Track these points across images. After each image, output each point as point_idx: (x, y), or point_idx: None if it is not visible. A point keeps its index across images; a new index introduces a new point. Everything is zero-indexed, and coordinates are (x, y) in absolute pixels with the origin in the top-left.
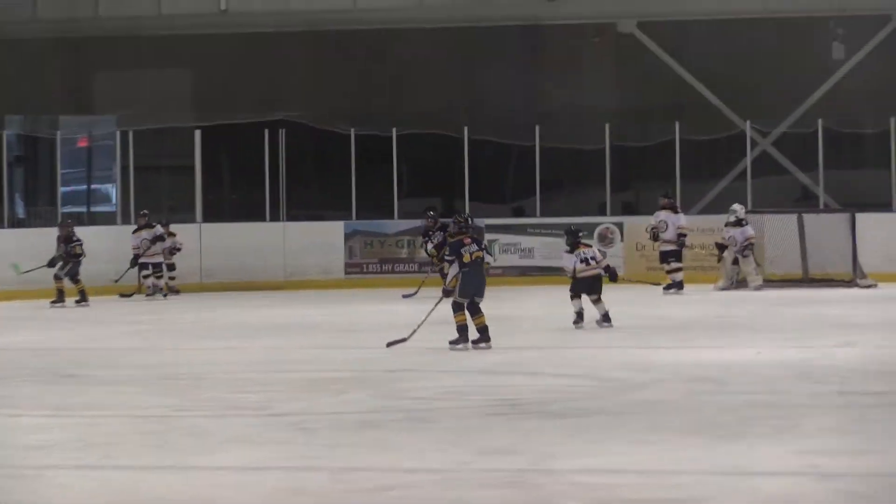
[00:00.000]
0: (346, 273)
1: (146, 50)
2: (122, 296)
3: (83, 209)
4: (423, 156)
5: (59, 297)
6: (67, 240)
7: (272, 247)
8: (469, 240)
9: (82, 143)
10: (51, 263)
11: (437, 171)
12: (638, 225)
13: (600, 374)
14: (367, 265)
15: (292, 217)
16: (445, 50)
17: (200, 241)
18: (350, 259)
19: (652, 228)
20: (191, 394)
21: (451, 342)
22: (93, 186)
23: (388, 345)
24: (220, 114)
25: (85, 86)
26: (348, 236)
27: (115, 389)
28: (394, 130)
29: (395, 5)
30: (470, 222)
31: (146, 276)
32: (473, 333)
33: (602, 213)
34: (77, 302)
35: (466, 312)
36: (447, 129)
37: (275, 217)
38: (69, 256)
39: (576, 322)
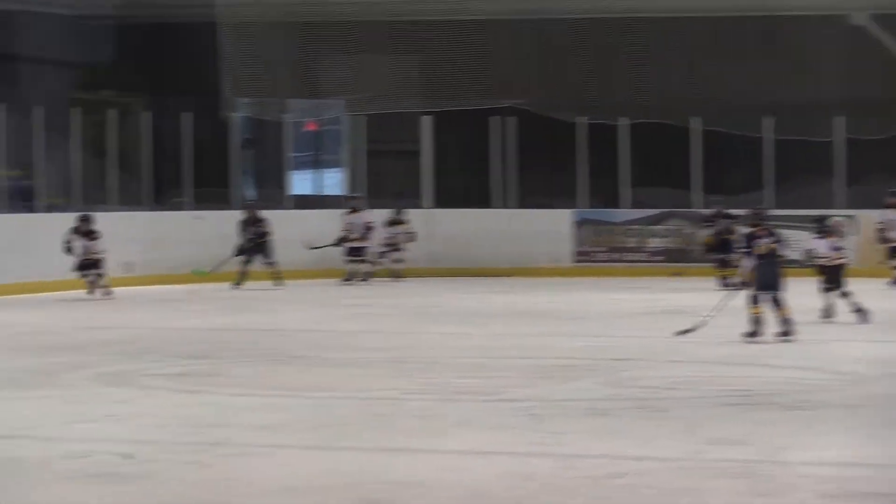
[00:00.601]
0: (575, 261)
1: (376, 34)
2: (346, 281)
3: (311, 192)
4: (651, 145)
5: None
6: (255, 222)
7: (500, 234)
8: (764, 231)
9: (310, 127)
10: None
11: (666, 161)
12: (871, 218)
13: (834, 368)
14: (596, 254)
15: (521, 204)
16: (676, 40)
17: (428, 226)
18: (579, 247)
19: (879, 229)
20: (420, 377)
21: (744, 334)
22: (320, 170)
23: (677, 333)
24: (448, 100)
25: (314, 70)
26: (577, 224)
27: (346, 371)
28: (624, 120)
29: None
30: (765, 214)
31: (351, 261)
32: (775, 326)
33: (833, 206)
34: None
35: (769, 305)
36: (676, 119)
37: (503, 204)
38: (257, 239)
39: (825, 315)
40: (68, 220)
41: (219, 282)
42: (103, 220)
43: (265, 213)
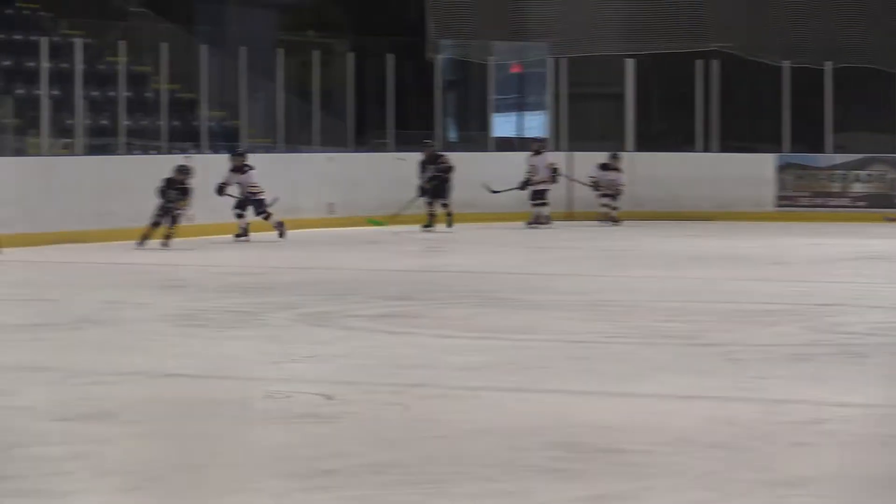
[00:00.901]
0: (778, 206)
1: None
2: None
3: (513, 135)
4: (856, 90)
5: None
6: (434, 160)
7: (702, 178)
8: None
9: (514, 69)
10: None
11: (871, 105)
12: None
13: None
14: (799, 198)
15: (724, 148)
16: None
17: (631, 170)
18: (782, 192)
19: None
20: (620, 320)
21: None
22: (523, 113)
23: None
24: (651, 43)
25: (518, 11)
26: (780, 169)
27: (548, 314)
28: (828, 63)
29: None
30: None
31: (535, 205)
32: None
33: None
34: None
35: None
36: (882, 64)
37: (706, 148)
38: (437, 179)
39: None
40: (272, 160)
41: (410, 224)
42: (307, 161)
43: (446, 153)
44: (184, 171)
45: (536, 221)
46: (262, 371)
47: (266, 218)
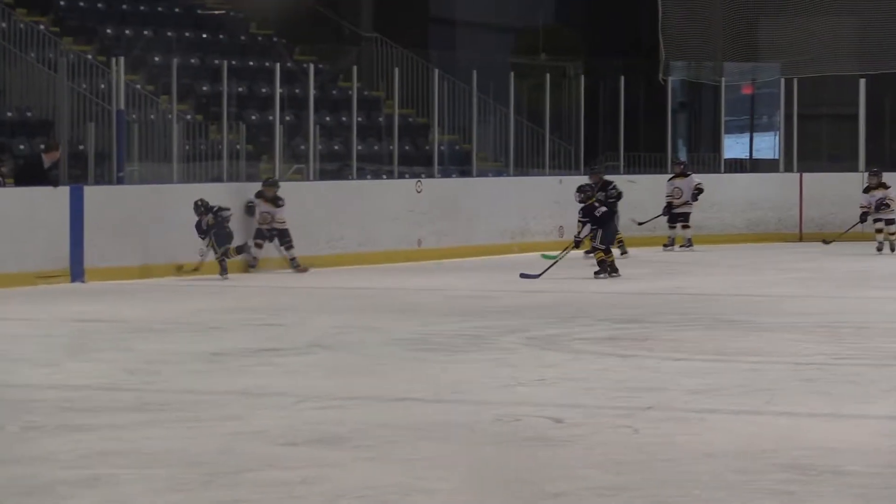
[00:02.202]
0: None
1: None
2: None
3: (745, 156)
4: None
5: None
6: (603, 186)
7: None
8: None
9: (746, 90)
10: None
11: None
12: None
13: None
14: None
15: None
16: None
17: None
18: None
19: None
20: (852, 342)
21: None
22: (755, 133)
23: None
24: (885, 62)
25: (750, 32)
26: None
27: (777, 336)
28: None
29: None
30: None
31: (673, 227)
32: None
33: None
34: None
35: None
36: None
37: None
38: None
39: None
40: (503, 184)
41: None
42: (537, 184)
43: (614, 178)
44: None
45: (672, 244)
46: (491, 395)
47: (288, 249)
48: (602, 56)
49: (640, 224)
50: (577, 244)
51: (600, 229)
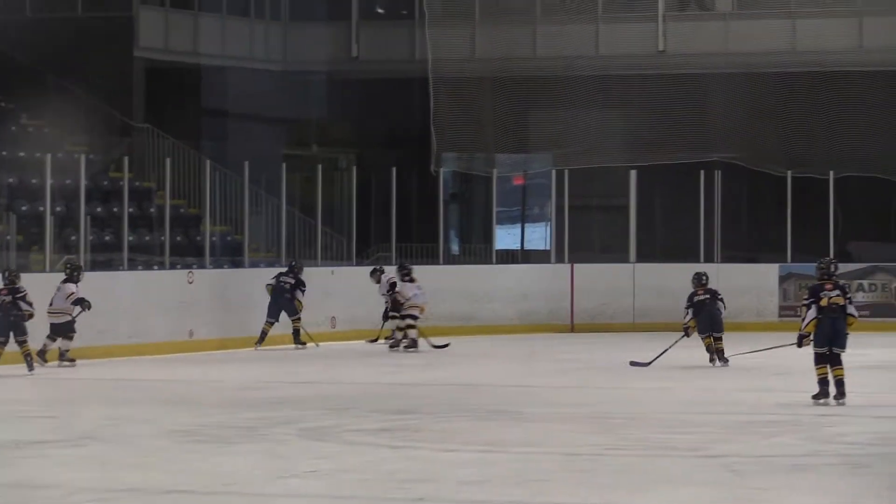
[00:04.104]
0: (780, 315)
1: (582, 89)
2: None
3: (517, 247)
4: (859, 199)
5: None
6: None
7: None
8: (830, 285)
9: (517, 181)
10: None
11: (875, 214)
12: None
13: None
14: (802, 308)
15: (726, 258)
16: (884, 93)
17: (634, 280)
18: (784, 302)
19: None
20: (622, 432)
21: (813, 396)
22: (527, 224)
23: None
24: (653, 154)
25: (521, 124)
26: (783, 279)
27: (547, 427)
28: (831, 173)
29: (833, 48)
30: (832, 269)
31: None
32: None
33: None
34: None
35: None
36: (885, 173)
37: (708, 258)
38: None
39: None
40: (274, 274)
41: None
42: (309, 275)
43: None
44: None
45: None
46: (263, 487)
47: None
48: (374, 147)
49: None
50: (686, 332)
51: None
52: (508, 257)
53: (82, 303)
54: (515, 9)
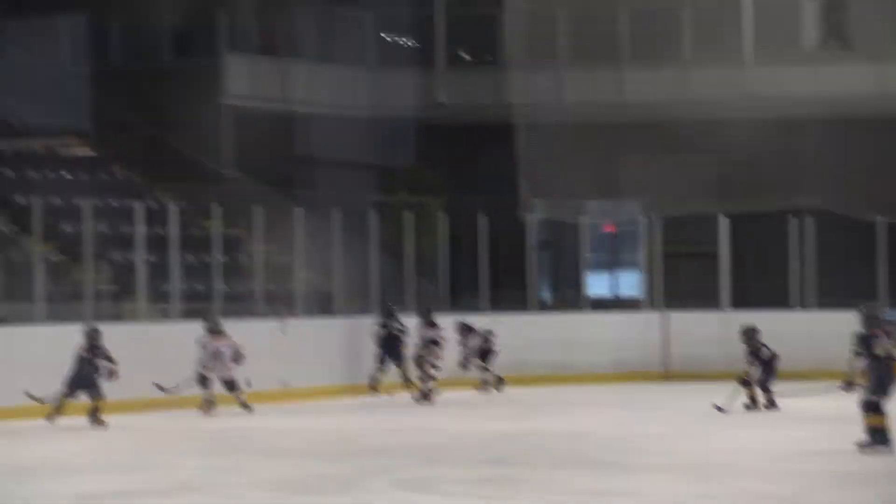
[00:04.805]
0: None
1: (671, 135)
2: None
3: (608, 294)
4: None
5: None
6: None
7: (799, 336)
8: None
9: (607, 229)
10: None
11: None
12: None
13: None
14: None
15: (820, 306)
16: None
17: (727, 327)
18: None
19: None
20: (721, 482)
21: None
22: (617, 272)
23: None
24: (744, 200)
25: (610, 171)
26: None
27: (645, 477)
28: None
29: None
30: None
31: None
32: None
33: None
34: None
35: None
36: None
37: (802, 306)
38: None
39: None
40: (366, 323)
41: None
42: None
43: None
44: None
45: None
46: None
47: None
48: (463, 194)
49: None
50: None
51: None
52: (599, 304)
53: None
54: (602, 54)
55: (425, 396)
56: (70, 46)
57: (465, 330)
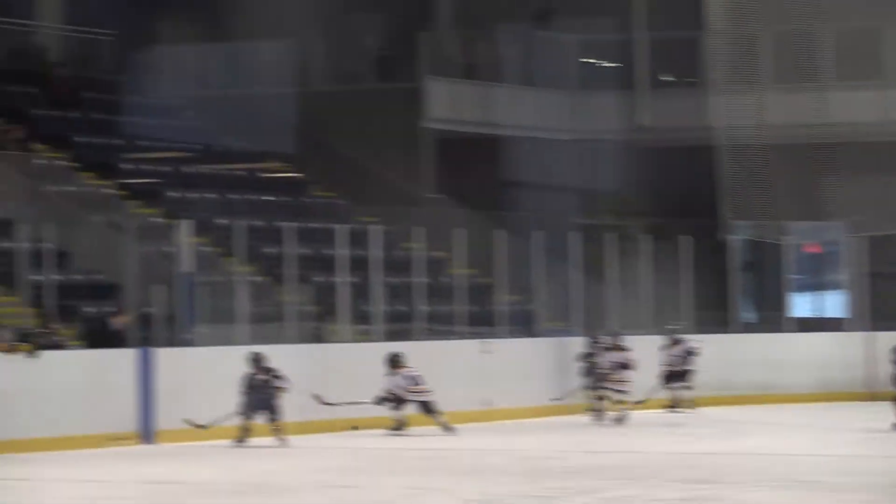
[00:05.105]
0: None
1: (874, 154)
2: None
3: (811, 315)
4: None
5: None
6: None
7: None
8: None
9: (811, 249)
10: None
11: None
12: None
13: None
14: None
15: None
16: None
17: None
18: None
19: None
20: None
21: None
22: (821, 292)
23: None
24: None
25: (812, 191)
26: None
27: (851, 497)
28: None
29: None
30: None
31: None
32: None
33: None
34: None
35: None
36: None
37: None
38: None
39: None
40: (568, 344)
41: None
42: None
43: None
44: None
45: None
46: None
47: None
48: (666, 216)
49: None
50: None
51: None
52: (804, 325)
53: None
54: (804, 74)
55: (618, 420)
56: (273, 71)
57: (675, 343)
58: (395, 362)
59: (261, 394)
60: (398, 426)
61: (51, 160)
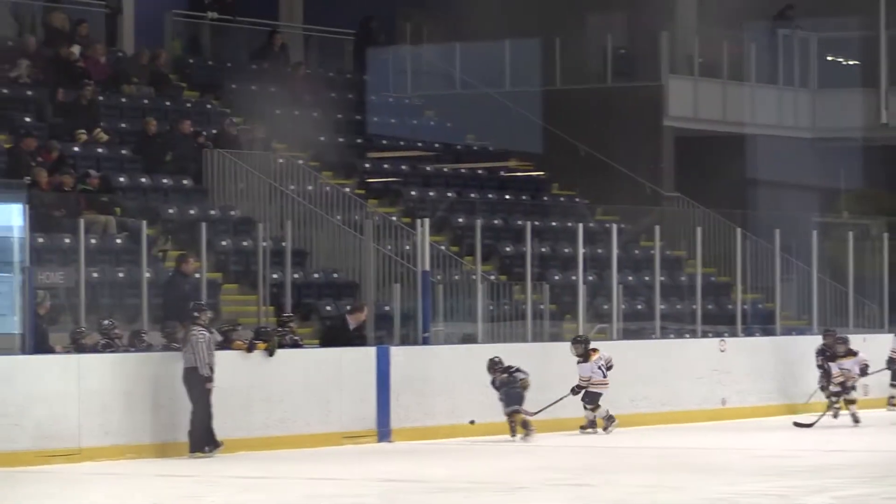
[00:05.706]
0: None
1: None
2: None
3: None
4: None
5: None
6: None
7: None
8: None
9: None
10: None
11: None
12: None
13: None
14: None
15: None
16: None
17: None
18: None
19: None
20: None
21: None
22: None
23: None
24: None
25: None
26: None
27: None
28: None
29: None
30: None
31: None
32: None
33: None
34: None
35: None
36: None
37: None
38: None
39: None
40: (806, 343)
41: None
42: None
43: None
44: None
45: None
46: None
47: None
48: None
49: None
50: None
51: None
52: None
53: None
54: None
55: (854, 419)
56: (516, 70)
57: None
58: (585, 351)
59: (510, 389)
60: (588, 425)
61: (291, 160)
